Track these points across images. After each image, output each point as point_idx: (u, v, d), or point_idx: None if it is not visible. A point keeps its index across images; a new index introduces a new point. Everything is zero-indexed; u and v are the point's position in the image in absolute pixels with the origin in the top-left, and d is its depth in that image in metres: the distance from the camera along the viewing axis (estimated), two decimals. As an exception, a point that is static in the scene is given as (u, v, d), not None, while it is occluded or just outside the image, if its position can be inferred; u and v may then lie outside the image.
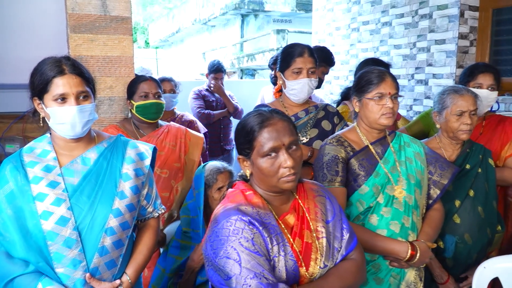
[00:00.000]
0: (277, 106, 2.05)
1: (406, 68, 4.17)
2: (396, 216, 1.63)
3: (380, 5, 4.46)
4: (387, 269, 1.64)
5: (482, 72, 2.18)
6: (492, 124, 2.23)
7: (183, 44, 20.12)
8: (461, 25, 3.61)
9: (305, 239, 1.26)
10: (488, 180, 1.93)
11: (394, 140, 1.76)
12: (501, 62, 3.57)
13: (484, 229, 1.87)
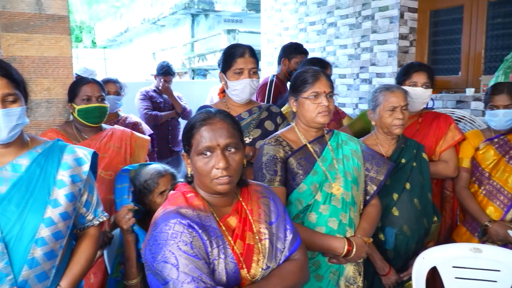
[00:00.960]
0: (220, 106, 2.05)
1: (352, 68, 4.31)
2: (334, 213, 1.66)
3: (326, 6, 4.57)
4: (327, 266, 1.68)
5: (417, 71, 2.28)
6: (427, 121, 2.35)
7: (132, 44, 19.64)
8: (401, 26, 3.78)
9: (246, 241, 1.26)
10: (422, 173, 2.03)
11: (331, 138, 1.80)
12: (438, 61, 3.77)
13: (421, 220, 1.96)
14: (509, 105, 2.16)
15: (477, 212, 2.21)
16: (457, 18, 3.53)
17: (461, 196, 2.30)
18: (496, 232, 2.12)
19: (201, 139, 1.24)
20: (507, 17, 3.18)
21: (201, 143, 1.24)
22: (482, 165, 2.26)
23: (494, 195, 2.20)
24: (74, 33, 24.99)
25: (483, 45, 3.36)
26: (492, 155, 2.24)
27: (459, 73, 3.55)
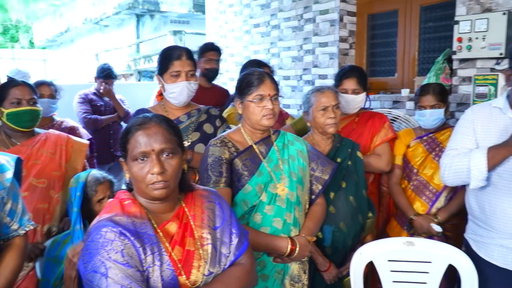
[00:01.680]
0: (158, 110, 2.02)
1: (295, 69, 4.40)
2: (279, 213, 1.69)
3: (269, 9, 4.64)
4: (272, 266, 1.71)
5: (346, 78, 2.40)
6: (363, 120, 2.46)
7: (74, 44, 18.86)
8: (341, 29, 3.91)
9: (186, 247, 1.25)
10: (357, 172, 2.11)
11: (278, 139, 1.83)
12: (376, 63, 3.93)
13: (356, 217, 2.04)
14: (435, 105, 2.29)
15: (405, 207, 2.34)
16: (392, 22, 3.70)
17: (392, 192, 2.43)
18: (421, 225, 2.25)
19: (136, 144, 1.23)
20: (438, 21, 3.37)
21: (136, 148, 1.22)
22: (411, 162, 2.39)
23: (420, 190, 2.33)
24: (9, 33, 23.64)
25: (417, 48, 3.55)
26: (421, 152, 2.37)
27: (395, 75, 3.73)
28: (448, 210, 2.25)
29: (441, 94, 2.32)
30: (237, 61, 5.17)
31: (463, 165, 1.76)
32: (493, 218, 1.76)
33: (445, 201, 2.29)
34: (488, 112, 1.82)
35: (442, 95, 2.32)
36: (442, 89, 2.35)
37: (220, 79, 5.55)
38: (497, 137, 1.74)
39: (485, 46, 2.69)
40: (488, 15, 2.66)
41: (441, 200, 2.29)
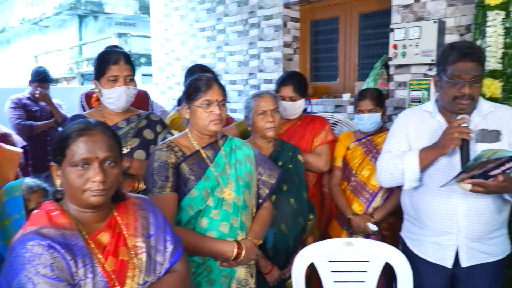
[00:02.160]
0: (95, 115, 1.96)
1: (241, 74, 4.42)
2: (225, 218, 1.70)
3: (215, 13, 4.63)
4: (218, 270, 1.70)
5: (283, 85, 2.46)
6: (305, 123, 2.54)
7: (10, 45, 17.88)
8: (285, 35, 3.98)
9: (120, 257, 1.23)
10: (298, 175, 2.16)
11: (225, 143, 1.84)
12: (319, 69, 4.04)
13: (297, 219, 2.09)
14: (372, 109, 2.39)
15: (344, 207, 2.42)
16: (334, 28, 3.81)
17: (333, 193, 2.51)
18: (357, 224, 2.34)
19: (78, 150, 1.19)
20: (376, 29, 3.52)
21: (77, 154, 1.19)
22: (350, 163, 2.48)
23: (358, 191, 2.42)
24: None
25: (357, 54, 3.68)
26: (359, 154, 2.46)
27: (337, 80, 3.84)
28: (383, 210, 2.35)
29: (378, 99, 2.42)
30: (183, 65, 5.11)
31: (398, 167, 1.84)
32: (426, 217, 1.86)
33: (381, 201, 2.39)
34: (419, 116, 1.92)
35: (378, 100, 2.42)
36: (379, 94, 2.46)
37: (167, 83, 5.48)
38: (427, 139, 1.84)
39: (418, 53, 2.84)
40: (420, 24, 2.82)
41: (377, 200, 2.39)
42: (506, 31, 2.34)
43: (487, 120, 1.79)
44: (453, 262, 1.81)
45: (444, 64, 1.76)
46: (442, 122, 1.83)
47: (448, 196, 1.77)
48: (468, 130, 1.65)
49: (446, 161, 1.78)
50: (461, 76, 1.70)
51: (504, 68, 2.36)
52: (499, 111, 1.81)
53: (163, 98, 5.49)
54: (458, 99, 1.73)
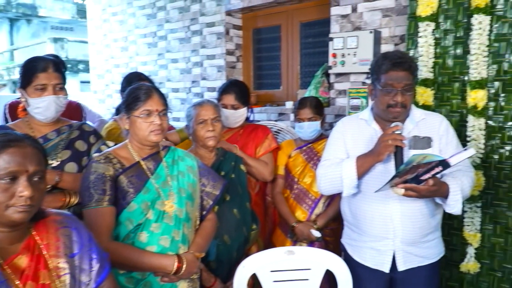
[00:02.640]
0: (22, 127, 1.86)
1: (184, 82, 4.38)
2: (166, 231, 1.67)
3: (156, 19, 4.57)
4: (159, 286, 1.66)
5: (225, 93, 2.47)
6: (247, 132, 2.55)
7: None
8: (228, 42, 3.99)
9: (41, 281, 1.16)
10: (241, 184, 2.17)
11: (167, 154, 1.80)
12: (263, 77, 4.09)
13: (240, 229, 2.09)
14: (312, 117, 2.45)
15: (287, 215, 2.45)
16: (276, 36, 3.88)
17: (276, 201, 2.54)
18: (301, 231, 2.38)
19: (4, 163, 1.12)
20: (316, 37, 3.62)
21: (3, 167, 1.11)
22: (292, 171, 2.52)
23: (301, 198, 2.46)
24: None
25: (299, 62, 3.76)
26: (300, 162, 2.51)
27: (281, 88, 3.90)
28: (325, 216, 2.41)
29: (317, 107, 2.49)
30: (124, 72, 4.97)
31: (336, 175, 1.89)
32: (364, 223, 1.92)
33: (323, 207, 2.44)
34: (356, 123, 1.99)
35: (318, 108, 2.48)
36: (318, 102, 2.53)
37: (106, 91, 5.32)
38: (364, 146, 1.90)
39: (356, 62, 2.95)
40: (357, 33, 2.93)
41: (320, 207, 2.44)
42: (436, 42, 2.50)
43: (419, 127, 1.88)
44: (390, 267, 1.88)
45: (377, 73, 1.83)
46: (378, 130, 1.90)
47: (384, 202, 1.84)
48: (401, 137, 1.72)
49: (382, 167, 1.85)
50: (393, 84, 1.78)
51: (435, 77, 2.51)
52: (430, 118, 1.92)
53: (103, 107, 5.32)
54: (391, 107, 1.80)
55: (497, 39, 2.32)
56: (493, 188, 2.38)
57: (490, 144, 2.37)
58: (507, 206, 2.35)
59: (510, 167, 2.32)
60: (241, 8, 3.86)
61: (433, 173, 1.61)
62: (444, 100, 2.50)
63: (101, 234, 1.54)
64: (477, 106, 2.34)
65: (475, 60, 2.33)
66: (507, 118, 2.31)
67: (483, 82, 2.32)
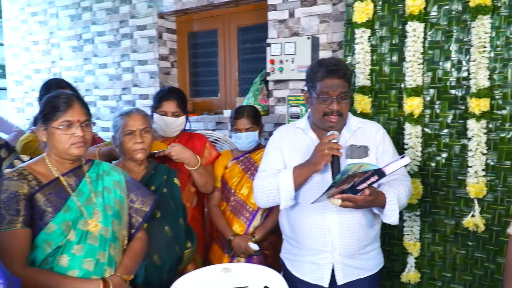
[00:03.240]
0: None
1: (114, 89, 4.26)
2: (90, 253, 1.60)
3: (81, 21, 4.42)
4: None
5: (166, 100, 2.42)
6: (183, 142, 2.50)
7: None
8: (161, 47, 3.94)
9: None
10: (174, 199, 2.12)
11: (90, 169, 1.74)
12: (199, 83, 4.07)
13: (173, 248, 2.04)
14: (250, 128, 2.47)
15: (223, 228, 2.45)
16: (213, 41, 3.88)
17: (212, 214, 2.53)
18: (238, 245, 2.38)
19: None
20: (254, 43, 3.66)
21: None
22: (228, 183, 2.51)
23: (238, 211, 2.47)
24: None
25: (237, 68, 3.78)
26: (237, 173, 2.51)
27: (218, 95, 3.90)
28: (264, 228, 2.42)
29: (255, 116, 2.50)
30: (45, 78, 4.73)
31: (273, 186, 1.90)
32: (302, 236, 1.94)
33: (261, 219, 2.46)
34: (292, 132, 2.02)
35: (255, 118, 2.50)
36: (255, 111, 2.54)
37: (25, 99, 5.06)
38: (301, 156, 1.93)
39: (294, 69, 3.01)
40: (295, 39, 3.00)
41: (258, 219, 2.45)
42: (373, 48, 2.60)
43: (356, 136, 1.94)
44: (330, 280, 1.91)
45: (312, 81, 1.88)
46: (314, 139, 1.94)
47: (322, 213, 1.87)
48: (338, 146, 1.76)
49: (319, 178, 1.88)
50: (329, 92, 1.82)
51: (373, 84, 2.61)
52: (366, 127, 1.98)
53: (22, 116, 5.05)
54: (327, 116, 1.85)
55: (431, 46, 2.46)
56: (431, 196, 2.51)
57: (427, 152, 2.50)
58: (445, 213, 2.48)
59: (446, 174, 2.46)
60: (174, 10, 3.82)
61: (369, 182, 1.66)
62: (382, 108, 2.61)
63: (14, 259, 1.46)
64: (413, 114, 2.46)
65: (410, 68, 2.45)
66: (443, 125, 2.45)
67: (419, 90, 2.45)
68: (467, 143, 2.37)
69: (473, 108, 2.28)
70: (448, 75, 2.42)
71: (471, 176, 2.34)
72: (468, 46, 2.34)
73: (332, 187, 1.64)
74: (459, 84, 2.40)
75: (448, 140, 2.44)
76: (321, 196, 1.69)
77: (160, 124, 2.40)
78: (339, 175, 1.60)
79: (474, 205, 2.37)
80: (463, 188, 2.40)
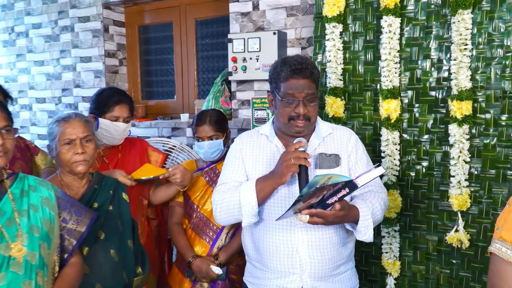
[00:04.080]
0: None
1: (52, 90, 4.18)
2: (14, 283, 1.55)
3: (12, 11, 4.32)
4: None
5: (118, 104, 2.39)
6: (126, 148, 2.52)
7: None
8: (107, 42, 3.89)
9: None
10: (121, 218, 2.07)
11: (14, 184, 1.69)
12: (152, 84, 4.03)
13: (119, 275, 1.99)
14: (213, 135, 2.45)
15: (184, 249, 2.43)
16: (168, 35, 3.86)
17: (172, 233, 2.51)
18: (199, 268, 2.36)
19: None
20: (215, 38, 3.67)
21: None
22: (191, 197, 2.50)
23: (201, 229, 2.45)
24: None
25: (195, 67, 3.77)
26: (201, 186, 2.49)
27: (175, 97, 3.88)
28: (229, 249, 2.41)
29: (219, 123, 2.49)
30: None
31: (234, 201, 1.89)
32: (267, 257, 1.93)
33: (227, 239, 2.44)
34: (256, 140, 2.02)
35: (219, 124, 2.49)
36: (220, 117, 2.53)
37: None
38: (266, 167, 1.93)
39: (259, 67, 3.03)
40: (260, 34, 3.01)
41: (223, 238, 2.44)
42: (345, 45, 2.65)
43: (326, 143, 1.96)
44: (299, 307, 1.91)
45: (276, 82, 1.89)
46: (280, 147, 1.95)
47: (289, 231, 1.88)
48: (305, 155, 1.77)
49: (286, 191, 1.89)
50: (294, 94, 1.83)
51: (346, 85, 2.65)
52: (337, 133, 2.00)
53: None
54: (293, 120, 1.86)
55: (408, 43, 2.52)
56: (411, 209, 2.56)
57: (405, 160, 2.55)
58: (427, 228, 2.53)
59: (427, 185, 2.52)
60: (122, 0, 3.79)
61: (340, 195, 1.68)
62: (356, 111, 2.65)
63: None
64: (390, 118, 2.51)
65: (386, 67, 2.50)
66: (423, 130, 2.51)
67: (396, 91, 2.50)
68: (449, 150, 2.43)
69: (454, 112, 2.35)
70: (427, 75, 2.48)
71: (453, 186, 2.41)
72: (449, 43, 2.42)
73: (299, 202, 1.65)
74: (439, 85, 2.46)
75: (429, 147, 2.50)
76: (287, 212, 1.69)
77: (109, 130, 2.36)
78: (306, 188, 1.61)
79: (457, 219, 2.43)
80: (445, 200, 2.46)
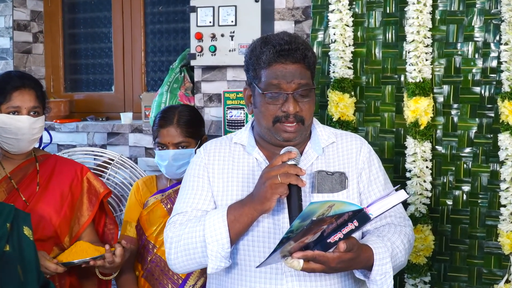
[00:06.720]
0: None
1: None
2: None
3: None
4: None
5: (18, 89, 2.34)
6: (49, 168, 2.46)
7: None
8: (17, 9, 3.88)
9: None
10: (23, 262, 2.04)
11: None
12: (81, 69, 4.04)
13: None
14: (182, 142, 2.46)
15: None
16: (104, 2, 3.87)
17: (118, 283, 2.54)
18: None
19: None
20: (171, 5, 3.68)
21: None
22: (146, 232, 2.50)
23: (157, 279, 2.47)
24: None
25: (143, 46, 3.78)
26: (160, 216, 2.49)
27: (113, 89, 3.87)
28: None
29: (191, 125, 2.50)
30: None
31: (196, 238, 1.86)
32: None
33: None
34: (227, 151, 2.01)
35: (192, 127, 2.51)
36: (193, 116, 2.56)
37: None
38: (241, 188, 1.93)
39: (235, 48, 3.04)
40: (236, 1, 3.01)
41: (187, 292, 2.44)
42: (357, 20, 2.67)
43: (327, 156, 1.97)
44: None
45: (255, 69, 1.88)
46: (262, 161, 1.95)
47: (275, 282, 1.87)
48: (297, 171, 1.74)
49: (270, 223, 1.88)
50: (280, 85, 1.83)
51: (357, 76, 2.68)
52: (343, 142, 2.00)
53: None
54: (280, 122, 1.85)
55: (444, 19, 2.55)
56: (447, 252, 2.58)
57: (440, 183, 2.57)
58: (468, 279, 2.55)
59: (469, 218, 2.54)
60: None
61: (346, 231, 1.67)
62: (372, 113, 2.68)
63: None
64: (419, 123, 2.53)
65: (413, 51, 2.53)
66: (463, 142, 2.54)
67: (427, 86, 2.52)
68: (498, 170, 2.46)
69: (506, 116, 2.37)
70: (470, 64, 2.52)
71: (505, 220, 2.43)
72: (498, 21, 2.46)
73: (289, 240, 1.64)
74: (486, 78, 2.51)
75: (472, 165, 2.53)
76: (273, 255, 1.68)
77: (9, 129, 2.28)
78: (299, 220, 1.60)
79: (510, 265, 2.45)
80: (494, 240, 2.48)
